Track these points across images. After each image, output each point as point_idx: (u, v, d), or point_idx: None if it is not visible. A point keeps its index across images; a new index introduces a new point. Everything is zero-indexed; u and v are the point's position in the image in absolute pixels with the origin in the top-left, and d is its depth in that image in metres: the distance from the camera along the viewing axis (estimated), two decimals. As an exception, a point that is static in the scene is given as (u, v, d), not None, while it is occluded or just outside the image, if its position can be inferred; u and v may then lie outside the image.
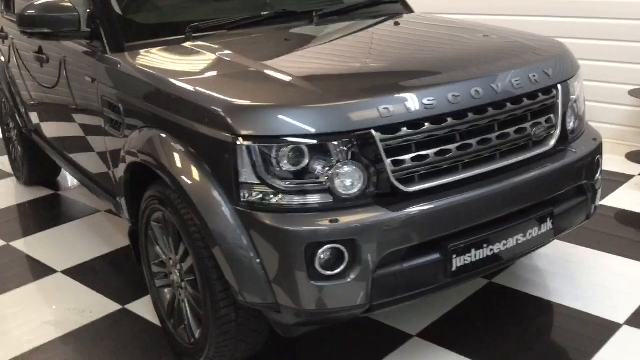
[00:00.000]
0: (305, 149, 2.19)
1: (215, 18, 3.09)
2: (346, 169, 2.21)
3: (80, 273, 3.62)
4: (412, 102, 2.28)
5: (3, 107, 5.08)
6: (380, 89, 2.33)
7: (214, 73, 2.66)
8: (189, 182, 2.36)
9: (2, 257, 3.90)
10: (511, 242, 2.48)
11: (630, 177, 4.56)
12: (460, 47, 2.92)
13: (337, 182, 2.21)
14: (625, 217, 3.99)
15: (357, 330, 2.93)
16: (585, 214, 2.80)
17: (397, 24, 3.25)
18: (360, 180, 2.23)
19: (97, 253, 3.83)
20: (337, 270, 2.20)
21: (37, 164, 4.81)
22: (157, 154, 2.51)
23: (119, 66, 2.85)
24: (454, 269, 2.35)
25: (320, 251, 2.17)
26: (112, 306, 3.26)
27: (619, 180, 4.52)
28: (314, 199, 2.22)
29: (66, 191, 4.95)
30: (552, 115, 2.65)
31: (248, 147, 2.19)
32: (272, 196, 2.21)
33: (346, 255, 2.19)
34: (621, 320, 2.92)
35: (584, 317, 2.98)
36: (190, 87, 2.45)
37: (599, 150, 2.83)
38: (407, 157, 2.29)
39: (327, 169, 2.20)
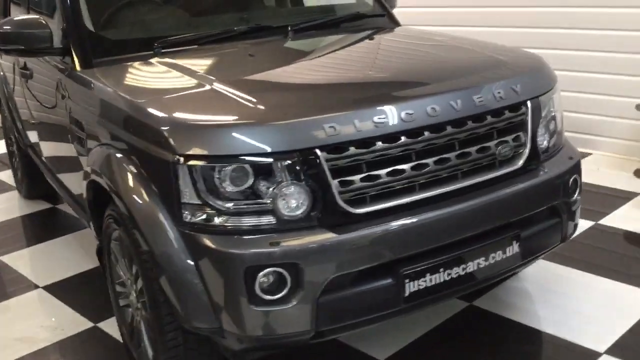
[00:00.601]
0: (248, 169, 2.12)
1: (186, 33, 3.05)
2: (289, 190, 2.14)
3: (61, 289, 3.61)
4: (361, 120, 2.20)
5: (6, 121, 5.14)
6: (327, 107, 2.25)
7: (167, 90, 2.61)
8: (135, 202, 2.31)
9: (-10, 271, 3.93)
10: (472, 266, 2.37)
11: (635, 194, 4.37)
12: (426, 63, 2.82)
13: (280, 203, 2.14)
14: (625, 237, 3.82)
15: (321, 354, 2.84)
16: (559, 236, 2.67)
17: (371, 38, 3.17)
18: (304, 201, 2.15)
19: (80, 269, 3.81)
20: (279, 295, 2.12)
21: (35, 178, 4.84)
22: (109, 173, 2.48)
23: (83, 82, 2.83)
24: (406, 294, 2.26)
25: (260, 275, 2.10)
26: (85, 324, 3.23)
27: (623, 197, 4.34)
28: (256, 221, 2.15)
29: (64, 204, 4.97)
30: (520, 134, 2.53)
31: (189, 166, 2.13)
32: (214, 217, 2.15)
33: (288, 279, 2.11)
34: (602, 349, 2.77)
35: (563, 344, 2.83)
36: (140, 105, 2.41)
37: (575, 169, 2.70)
38: (356, 177, 2.20)
39: (270, 189, 2.13)
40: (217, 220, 2.15)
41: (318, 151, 2.14)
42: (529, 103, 2.55)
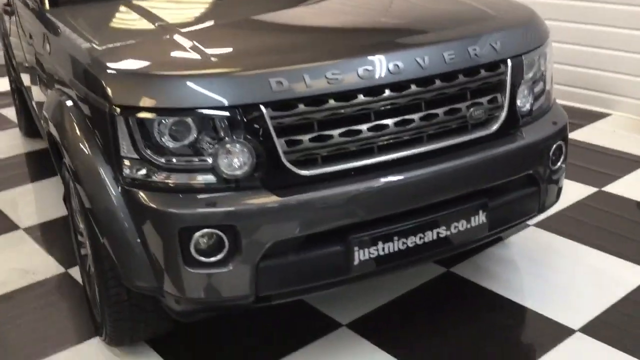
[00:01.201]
0: (188, 124, 1.99)
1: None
2: (231, 147, 2.00)
3: (41, 232, 3.59)
4: (313, 76, 2.04)
5: (7, 58, 5.08)
6: (277, 60, 2.09)
7: (117, 35, 2.48)
8: (78, 155, 2.20)
9: (-26, 210, 3.92)
10: (430, 236, 2.22)
11: (649, 160, 4.12)
12: (396, 15, 2.62)
13: (221, 161, 2.01)
14: (628, 206, 3.60)
15: (284, 313, 2.75)
16: (536, 206, 2.50)
17: None
18: (247, 160, 2.02)
19: (64, 212, 3.77)
20: (216, 258, 2.02)
21: (31, 117, 4.80)
22: (58, 121, 2.37)
23: (46, 23, 2.71)
24: (356, 262, 2.13)
25: (195, 236, 1.99)
26: (57, 269, 3.20)
27: (635, 161, 4.09)
28: (196, 179, 2.03)
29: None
30: (497, 95, 2.34)
31: (126, 118, 2.01)
32: (152, 174, 2.04)
33: (226, 242, 2.01)
34: (576, 326, 2.62)
35: (539, 319, 2.68)
36: (85, 49, 2.28)
37: (559, 135, 2.50)
38: (306, 137, 2.06)
39: (210, 146, 2.00)
40: (156, 177, 2.03)
41: (262, 107, 1.99)
42: (509, 62, 2.34)
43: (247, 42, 2.34)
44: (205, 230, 1.98)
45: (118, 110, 2.01)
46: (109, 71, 2.08)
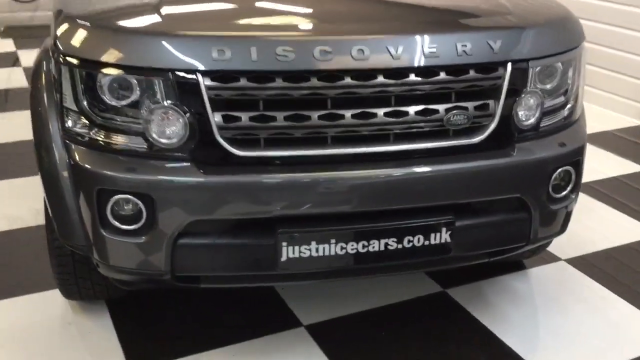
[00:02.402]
0: (127, 82, 1.90)
1: None
2: (164, 114, 1.89)
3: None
4: (261, 49, 1.86)
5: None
6: (223, 27, 1.94)
7: None
8: (37, 103, 2.17)
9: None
10: (376, 246, 1.99)
11: None
12: (413, 3, 2.35)
13: (152, 127, 1.90)
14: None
15: (252, 299, 2.61)
16: (525, 236, 2.18)
17: None
18: (180, 131, 1.89)
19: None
20: (131, 227, 1.92)
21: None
22: (33, 69, 2.36)
23: None
24: (283, 259, 1.95)
25: (112, 200, 1.90)
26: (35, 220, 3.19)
27: None
28: (127, 142, 1.94)
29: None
30: (489, 102, 2.04)
31: (70, 68, 1.95)
32: (88, 129, 1.97)
33: (144, 212, 1.90)
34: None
35: (517, 365, 2.36)
36: None
37: (565, 159, 2.16)
38: (245, 114, 1.89)
39: (145, 110, 1.90)
40: (90, 133, 1.96)
41: (199, 76, 1.85)
42: (509, 65, 2.03)
43: (213, 8, 2.20)
44: (122, 195, 1.89)
45: (63, 59, 1.96)
46: (62, 19, 2.03)
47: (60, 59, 1.96)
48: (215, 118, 1.88)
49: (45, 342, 2.40)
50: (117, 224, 1.92)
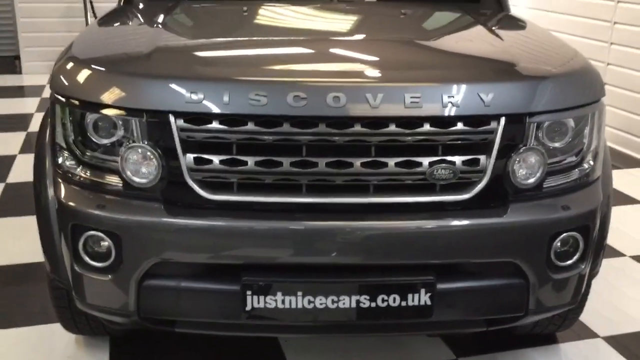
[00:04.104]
0: (108, 121, 1.93)
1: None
2: (138, 154, 1.90)
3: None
4: (233, 92, 1.84)
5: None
6: (198, 70, 1.94)
7: (115, 30, 2.50)
8: (40, 138, 2.25)
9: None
10: (347, 302, 1.88)
11: None
12: (407, 50, 2.26)
13: (127, 166, 1.91)
14: None
15: (253, 346, 2.54)
16: (522, 306, 1.99)
17: (404, 14, 2.63)
18: (153, 170, 1.89)
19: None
20: (101, 264, 1.93)
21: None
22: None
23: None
24: (248, 307, 1.88)
25: (84, 236, 1.93)
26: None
27: None
28: (106, 179, 1.96)
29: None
30: (480, 157, 1.91)
31: (61, 106, 2.01)
32: (73, 165, 2.01)
33: (113, 250, 1.91)
34: None
35: None
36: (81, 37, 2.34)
37: (569, 224, 1.97)
38: (216, 157, 1.87)
39: (123, 149, 1.92)
40: (74, 169, 2.00)
41: (171, 117, 1.86)
42: (502, 120, 1.90)
43: (203, 51, 2.22)
44: (93, 232, 1.91)
45: (55, 96, 2.03)
46: (61, 59, 2.11)
47: (53, 97, 2.03)
48: (186, 160, 1.87)
49: (41, 373, 2.43)
50: (88, 260, 1.94)
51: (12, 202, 3.88)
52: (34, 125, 5.16)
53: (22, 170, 4.29)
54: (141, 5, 2.79)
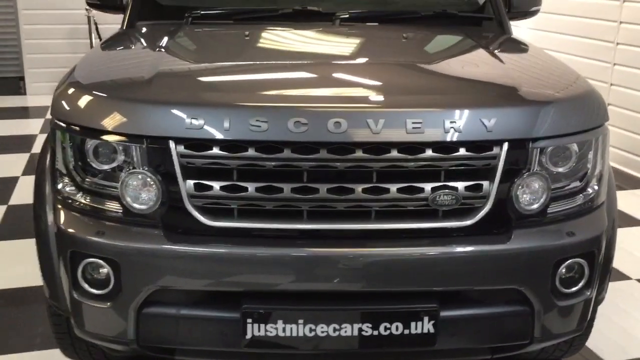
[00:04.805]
0: (108, 147, 1.92)
1: (225, 7, 2.87)
2: (138, 180, 1.88)
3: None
4: (233, 118, 1.83)
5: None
6: (198, 96, 1.93)
7: (123, 56, 2.50)
8: (39, 164, 2.24)
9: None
10: (349, 330, 1.86)
11: None
12: (408, 76, 2.25)
13: (127, 192, 1.90)
14: None
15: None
16: (527, 334, 1.96)
17: (405, 38, 2.63)
18: (153, 197, 1.88)
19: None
20: (100, 292, 1.91)
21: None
22: None
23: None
24: (248, 336, 1.86)
25: (83, 263, 1.91)
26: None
27: None
28: (105, 205, 1.95)
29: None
30: (483, 183, 1.89)
31: (62, 131, 2.00)
32: (73, 191, 1.99)
33: (112, 277, 1.89)
34: None
35: None
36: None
37: (574, 250, 1.95)
38: (217, 184, 1.86)
39: (123, 175, 1.90)
40: (74, 195, 1.99)
41: (172, 143, 1.84)
42: (505, 145, 1.88)
43: (204, 77, 2.22)
44: (92, 259, 1.89)
45: (55, 122, 2.02)
46: (62, 84, 2.10)
47: (53, 123, 2.03)
48: (187, 186, 1.85)
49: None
50: (87, 287, 1.92)
51: (14, 224, 3.86)
52: (38, 147, 5.14)
53: (25, 192, 4.27)
54: (144, 29, 2.79)
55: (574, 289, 1.97)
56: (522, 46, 2.68)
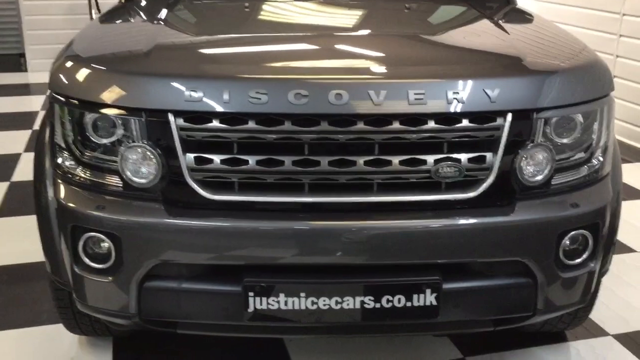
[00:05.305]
0: (107, 121, 1.90)
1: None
2: (138, 154, 1.87)
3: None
4: (233, 90, 1.81)
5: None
6: (197, 68, 1.91)
7: (121, 29, 2.47)
8: (38, 139, 2.23)
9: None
10: (351, 303, 1.85)
11: None
12: (407, 46, 2.22)
13: (126, 166, 1.88)
14: None
15: (259, 347, 2.52)
16: (530, 306, 1.95)
17: (408, 8, 2.59)
18: (153, 170, 1.86)
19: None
20: (101, 266, 1.90)
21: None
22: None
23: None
24: (250, 309, 1.85)
25: (84, 237, 1.90)
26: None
27: None
28: (105, 180, 1.93)
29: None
30: (486, 154, 1.87)
31: (60, 105, 1.98)
32: (72, 165, 1.98)
33: (113, 251, 1.88)
34: None
35: None
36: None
37: (577, 221, 1.93)
38: (217, 157, 1.84)
39: (123, 149, 1.89)
40: (74, 169, 1.97)
41: (171, 116, 1.82)
42: (508, 116, 1.86)
43: (202, 49, 2.19)
44: (92, 233, 1.88)
45: (53, 96, 2.00)
46: (60, 57, 2.08)
47: (51, 97, 2.00)
48: (187, 159, 1.84)
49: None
50: (88, 261, 1.91)
51: (17, 200, 3.86)
52: (39, 123, 5.11)
53: (27, 169, 4.25)
54: (142, 2, 2.76)
55: (578, 260, 1.96)
56: (527, 16, 2.64)
